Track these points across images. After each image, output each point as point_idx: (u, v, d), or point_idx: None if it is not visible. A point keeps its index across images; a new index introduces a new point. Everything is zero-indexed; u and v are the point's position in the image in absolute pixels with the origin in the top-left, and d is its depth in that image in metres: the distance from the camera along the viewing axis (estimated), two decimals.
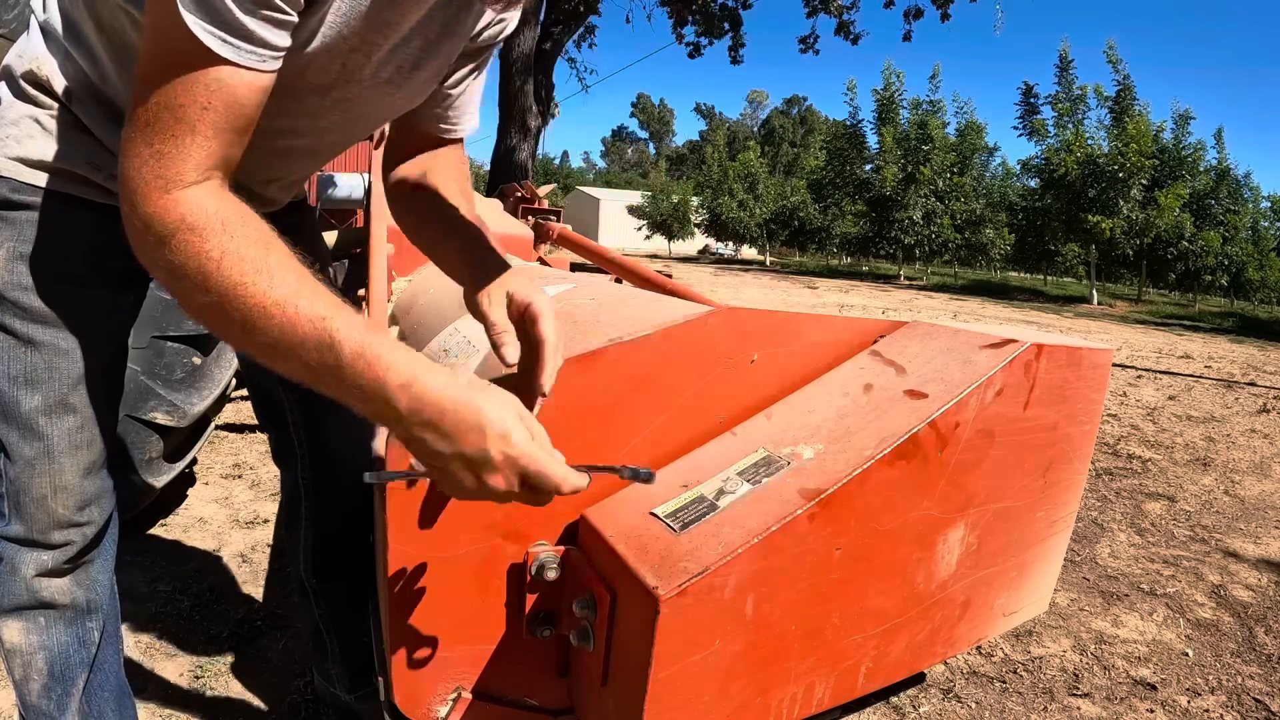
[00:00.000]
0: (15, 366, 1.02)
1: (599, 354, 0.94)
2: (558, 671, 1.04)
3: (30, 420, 1.03)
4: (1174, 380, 7.78)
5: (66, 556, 1.10)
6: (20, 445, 1.04)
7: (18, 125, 1.00)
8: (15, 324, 1.01)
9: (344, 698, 1.56)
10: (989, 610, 1.17)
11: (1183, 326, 16.79)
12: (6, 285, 1.00)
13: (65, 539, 1.09)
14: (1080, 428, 1.19)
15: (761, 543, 0.85)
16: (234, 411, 3.86)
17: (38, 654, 1.12)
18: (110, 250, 1.05)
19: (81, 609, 1.14)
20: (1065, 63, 22.43)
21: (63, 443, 1.05)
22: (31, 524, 1.07)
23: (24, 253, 1.00)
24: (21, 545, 1.08)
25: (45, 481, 1.05)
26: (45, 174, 1.00)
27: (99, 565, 1.16)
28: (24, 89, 0.99)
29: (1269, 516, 3.67)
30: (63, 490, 1.06)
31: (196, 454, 2.54)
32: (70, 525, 1.09)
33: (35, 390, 1.03)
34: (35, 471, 1.05)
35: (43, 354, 1.02)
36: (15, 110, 1.00)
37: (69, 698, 1.15)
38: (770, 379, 1.11)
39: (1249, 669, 2.25)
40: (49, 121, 1.00)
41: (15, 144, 1.00)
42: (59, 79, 0.98)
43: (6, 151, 1.00)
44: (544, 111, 11.10)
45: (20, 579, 1.09)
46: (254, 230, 0.74)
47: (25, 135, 0.99)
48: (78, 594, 1.13)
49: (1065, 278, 29.25)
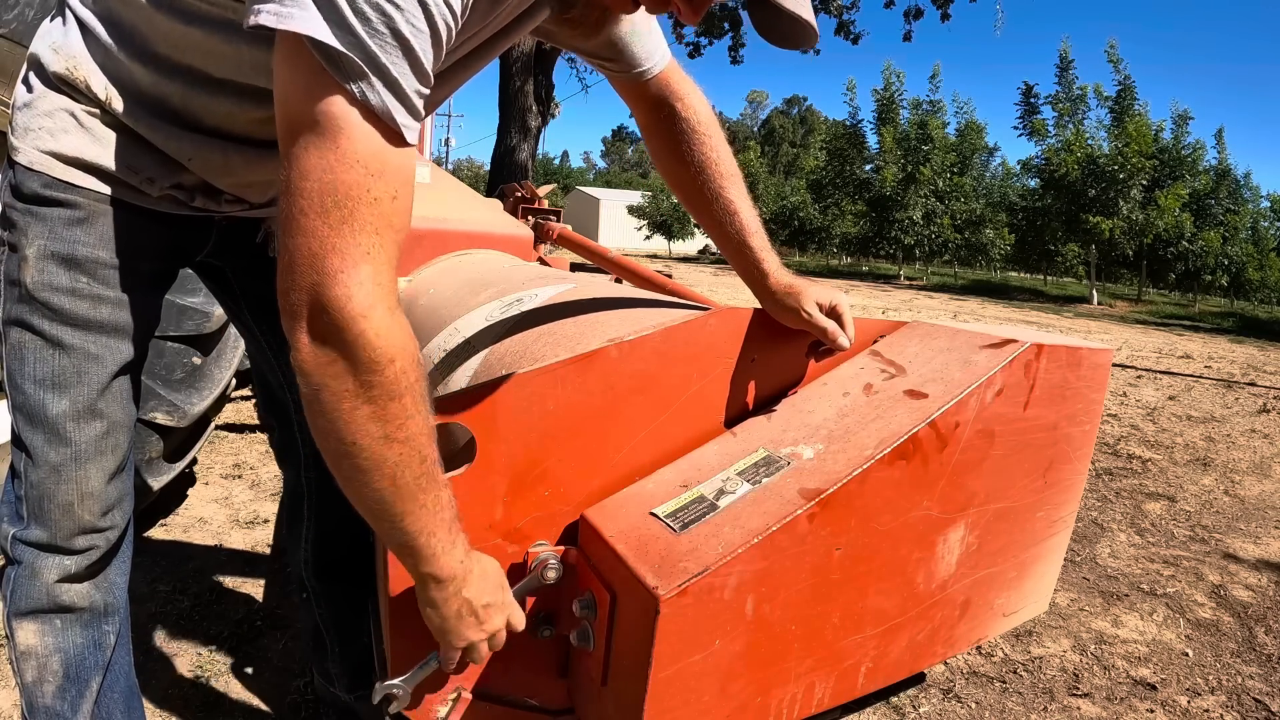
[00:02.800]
0: (43, 369, 1.00)
1: (599, 354, 0.94)
2: (558, 671, 1.04)
3: (58, 425, 1.01)
4: (1174, 380, 7.77)
5: (89, 562, 1.08)
6: (46, 450, 1.02)
7: (52, 118, 0.97)
8: (44, 325, 0.99)
9: (344, 698, 1.56)
10: (989, 610, 1.17)
11: (1183, 326, 16.78)
12: (37, 285, 0.98)
13: (89, 544, 1.07)
14: (1080, 428, 1.19)
15: (761, 543, 0.85)
16: (234, 411, 3.86)
17: (53, 656, 1.10)
18: (143, 253, 1.03)
19: (99, 612, 1.13)
20: (1065, 63, 22.42)
21: (90, 449, 1.03)
22: (55, 530, 1.05)
23: (56, 252, 0.98)
24: (43, 550, 1.06)
25: (72, 488, 1.03)
26: (80, 171, 0.97)
27: (117, 568, 1.14)
28: (59, 86, 0.97)
29: (1269, 516, 3.67)
30: (89, 496, 1.05)
31: (196, 454, 2.53)
32: (94, 531, 1.07)
33: (63, 394, 1.00)
34: (61, 478, 1.02)
35: (72, 358, 1.00)
36: (49, 101, 0.97)
37: (82, 699, 1.14)
38: (770, 379, 1.11)
39: (1249, 669, 2.25)
40: (85, 117, 0.97)
41: (49, 137, 0.97)
42: (98, 79, 0.95)
43: (40, 144, 0.97)
44: (544, 111, 11.09)
45: (41, 584, 1.06)
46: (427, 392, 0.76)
47: (60, 129, 0.96)
48: (96, 597, 1.12)
49: (1065, 278, 29.22)
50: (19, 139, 0.99)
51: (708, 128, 1.17)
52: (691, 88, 1.17)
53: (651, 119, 1.18)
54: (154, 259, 1.03)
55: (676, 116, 1.16)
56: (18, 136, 0.99)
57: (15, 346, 1.01)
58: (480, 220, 2.67)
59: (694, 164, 1.16)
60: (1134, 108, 21.27)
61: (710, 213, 1.17)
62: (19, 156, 0.98)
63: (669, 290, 2.24)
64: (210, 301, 2.27)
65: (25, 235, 0.98)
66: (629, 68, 1.12)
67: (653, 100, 1.16)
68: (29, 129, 0.98)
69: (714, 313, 1.04)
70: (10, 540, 1.07)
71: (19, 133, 0.99)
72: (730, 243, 1.18)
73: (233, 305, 1.30)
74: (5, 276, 1.01)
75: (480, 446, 0.90)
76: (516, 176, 10.33)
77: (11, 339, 1.01)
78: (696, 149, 1.16)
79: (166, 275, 1.14)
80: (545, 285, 1.47)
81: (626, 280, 2.53)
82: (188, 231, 1.12)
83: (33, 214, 0.97)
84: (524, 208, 3.29)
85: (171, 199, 1.05)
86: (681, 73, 1.18)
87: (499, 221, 2.77)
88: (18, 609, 1.08)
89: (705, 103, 1.18)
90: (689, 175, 1.17)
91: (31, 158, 0.97)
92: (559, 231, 3.04)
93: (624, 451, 0.99)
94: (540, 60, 10.82)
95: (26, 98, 0.99)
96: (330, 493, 1.42)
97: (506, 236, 2.62)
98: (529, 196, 3.36)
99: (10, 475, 1.08)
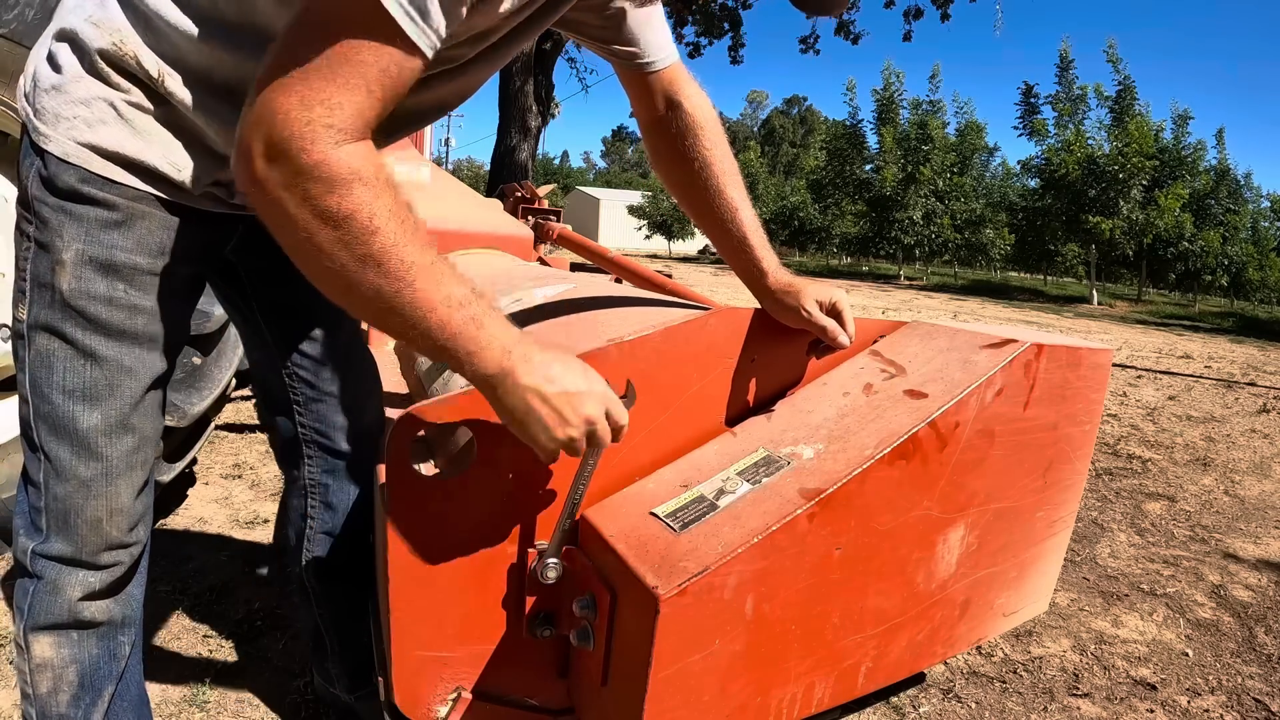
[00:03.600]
0: (74, 380, 0.95)
1: (599, 354, 0.94)
2: (558, 671, 1.04)
3: (89, 439, 0.97)
4: (1174, 380, 7.77)
5: (114, 578, 1.06)
6: (76, 464, 0.97)
7: (89, 106, 0.90)
8: (78, 335, 0.94)
9: (344, 698, 1.56)
10: (989, 610, 1.17)
11: (1183, 326, 16.78)
12: (74, 293, 0.92)
13: (114, 560, 1.05)
14: (1080, 428, 1.19)
15: (761, 542, 0.85)
16: (234, 411, 3.86)
17: (69, 668, 1.08)
18: (181, 256, 0.99)
19: (117, 624, 1.11)
20: (1065, 63, 22.41)
21: (121, 464, 1.00)
22: (81, 545, 1.01)
23: (94, 257, 0.92)
24: (66, 565, 1.02)
25: (102, 504, 1.00)
26: (119, 168, 0.92)
27: (137, 581, 1.13)
28: (99, 67, 0.89)
29: (1269, 516, 3.67)
30: (118, 513, 1.02)
31: (196, 454, 2.53)
32: (121, 547, 1.05)
33: (95, 408, 0.96)
34: (91, 493, 0.99)
35: (105, 370, 0.96)
36: (85, 88, 0.90)
37: (94, 709, 1.12)
38: (770, 379, 1.11)
39: (1249, 669, 2.25)
40: (126, 108, 0.90)
41: (86, 128, 0.90)
42: (149, 55, 0.88)
43: (76, 135, 0.90)
44: (544, 111, 11.09)
45: (64, 600, 1.03)
46: (403, 195, 0.77)
47: (98, 120, 0.90)
48: (115, 611, 1.09)
49: (1065, 278, 29.22)
50: (50, 126, 0.91)
51: (710, 127, 1.18)
52: (696, 89, 1.19)
53: (655, 114, 1.19)
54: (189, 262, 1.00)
55: (680, 113, 1.17)
56: (48, 123, 0.91)
57: (43, 354, 0.95)
58: (480, 220, 2.67)
59: (696, 162, 1.17)
60: (1134, 108, 21.26)
61: (710, 212, 1.18)
62: (51, 146, 0.91)
63: (669, 290, 2.24)
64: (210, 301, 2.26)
65: (60, 236, 0.92)
66: (637, 57, 1.14)
67: (658, 95, 1.17)
68: (61, 116, 0.90)
69: (714, 313, 1.04)
70: (30, 555, 1.03)
71: (49, 119, 0.91)
72: (730, 242, 1.18)
73: (242, 304, 1.29)
74: (33, 278, 0.95)
75: (480, 447, 0.90)
76: (516, 176, 10.33)
77: (39, 345, 0.95)
78: (698, 147, 1.17)
79: (199, 280, 1.11)
80: (545, 285, 1.47)
81: (626, 280, 2.53)
82: (218, 230, 1.09)
83: (67, 212, 0.91)
84: (524, 208, 3.29)
85: (211, 196, 1.01)
86: (688, 73, 1.20)
87: (499, 221, 2.77)
88: (36, 623, 1.05)
89: (709, 104, 1.19)
90: (690, 173, 1.17)
91: (67, 149, 0.90)
92: (559, 231, 3.04)
93: (624, 451, 0.99)
94: (540, 60, 10.82)
95: (55, 79, 0.90)
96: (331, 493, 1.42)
97: (506, 236, 2.62)
98: (529, 196, 3.36)
99: (25, 484, 1.04)
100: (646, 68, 1.14)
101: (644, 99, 1.19)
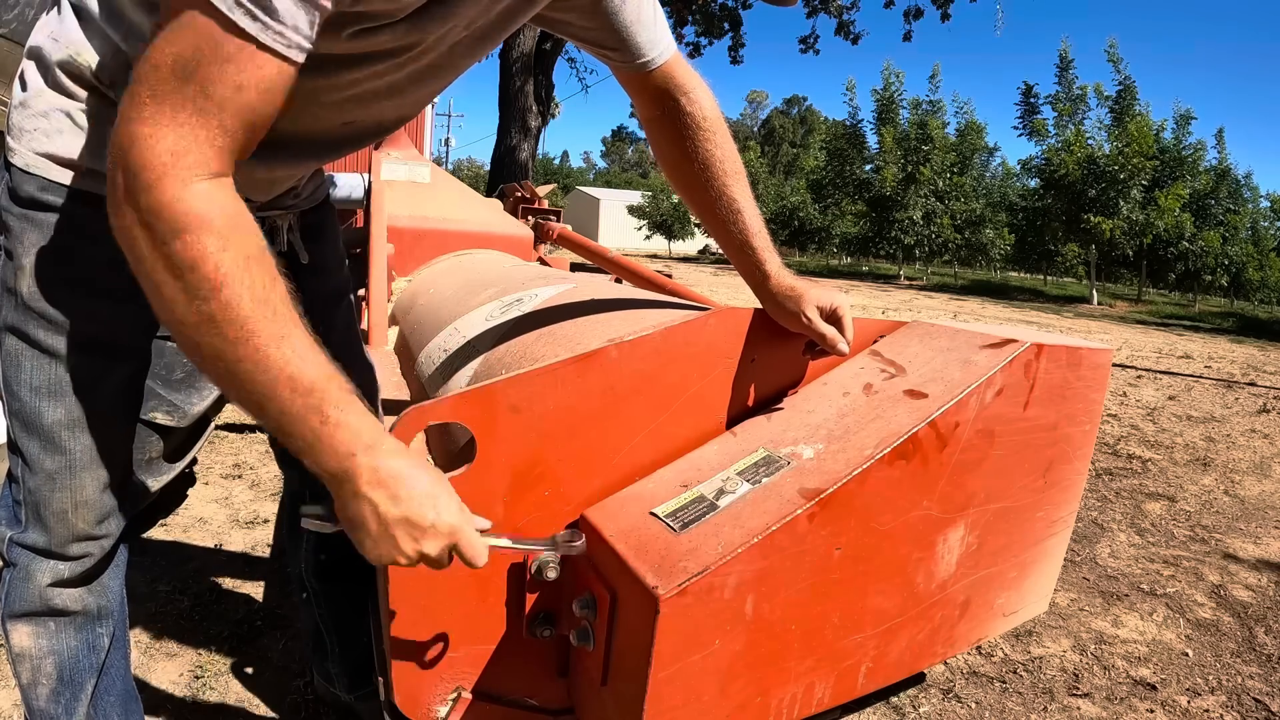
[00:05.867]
0: (39, 377, 0.99)
1: (599, 354, 0.94)
2: (558, 671, 1.04)
3: (53, 433, 1.00)
4: (1174, 380, 7.77)
5: (83, 568, 1.08)
6: (42, 458, 1.01)
7: (47, 118, 0.94)
8: (40, 334, 0.97)
9: (344, 698, 1.56)
10: (989, 610, 1.17)
11: (1183, 326, 16.78)
12: (32, 296, 0.96)
13: (83, 551, 1.07)
14: (1080, 428, 1.19)
15: (761, 542, 0.85)
16: (234, 411, 3.86)
17: (47, 659, 1.10)
18: None
19: (93, 615, 1.13)
20: (1065, 63, 22.40)
21: (85, 457, 1.02)
22: (51, 536, 1.04)
23: (51, 260, 0.96)
24: (38, 554, 1.06)
25: (66, 496, 1.03)
26: (74, 173, 0.95)
27: (111, 573, 1.14)
28: (58, 79, 0.93)
29: (1269, 516, 3.67)
30: (83, 505, 1.04)
31: (196, 454, 2.53)
32: (89, 538, 1.07)
33: (58, 403, 1.00)
34: (56, 486, 1.02)
35: (67, 367, 0.99)
36: (45, 100, 0.94)
37: (77, 702, 1.14)
38: (770, 379, 1.12)
39: (1249, 669, 2.25)
40: (80, 116, 0.94)
41: (45, 138, 0.94)
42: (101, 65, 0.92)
43: (35, 146, 0.94)
44: (544, 111, 11.10)
45: (34, 587, 1.06)
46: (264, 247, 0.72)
47: (55, 130, 0.94)
48: (89, 601, 1.11)
49: (1065, 278, 29.22)
50: (15, 140, 0.97)
51: (713, 123, 1.14)
52: (697, 82, 1.15)
53: (655, 113, 1.16)
54: None
55: (681, 111, 1.13)
56: (14, 137, 0.97)
57: (12, 354, 1.00)
58: (480, 220, 2.67)
59: (698, 160, 1.14)
60: (1135, 108, 21.26)
61: (713, 211, 1.16)
62: (14, 159, 0.96)
63: (669, 290, 2.24)
64: None
65: (21, 242, 0.96)
66: (632, 58, 1.10)
67: (656, 93, 1.14)
68: (24, 130, 0.95)
69: (714, 313, 1.04)
70: (7, 543, 1.07)
71: (14, 133, 0.97)
72: (733, 242, 1.16)
73: None
74: (1, 284, 1.00)
75: (480, 447, 0.90)
76: (516, 176, 10.34)
77: (8, 346, 1.00)
78: (701, 145, 1.14)
79: None
80: (545, 285, 1.47)
81: (626, 280, 2.54)
82: None
83: (29, 220, 0.95)
84: (524, 208, 3.29)
85: None
86: (687, 66, 1.15)
87: (499, 221, 2.77)
88: (12, 611, 1.08)
89: (711, 97, 1.16)
90: (692, 172, 1.15)
91: (27, 160, 0.95)
92: (559, 231, 3.04)
93: (624, 451, 0.99)
94: (540, 60, 10.82)
95: (21, 96, 0.97)
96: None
97: (506, 236, 2.62)
98: (529, 196, 3.36)
99: (8, 479, 1.08)
100: (643, 67, 1.11)
101: (643, 97, 1.16)
